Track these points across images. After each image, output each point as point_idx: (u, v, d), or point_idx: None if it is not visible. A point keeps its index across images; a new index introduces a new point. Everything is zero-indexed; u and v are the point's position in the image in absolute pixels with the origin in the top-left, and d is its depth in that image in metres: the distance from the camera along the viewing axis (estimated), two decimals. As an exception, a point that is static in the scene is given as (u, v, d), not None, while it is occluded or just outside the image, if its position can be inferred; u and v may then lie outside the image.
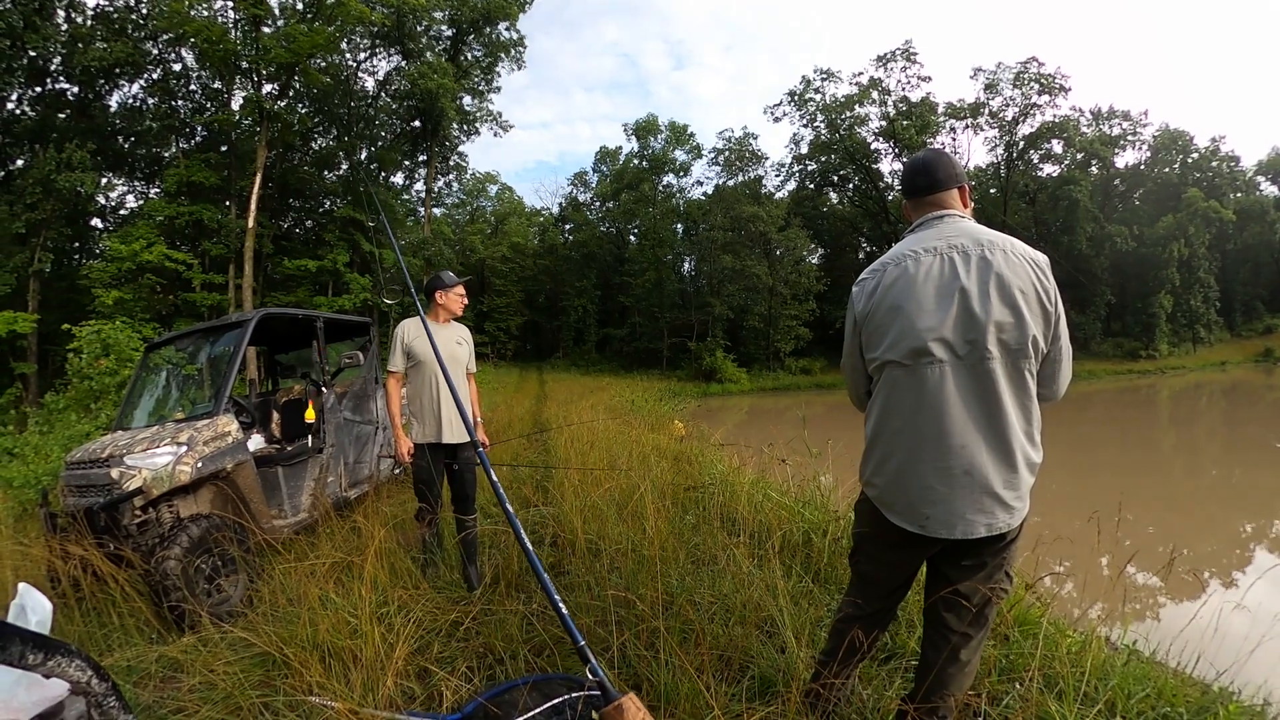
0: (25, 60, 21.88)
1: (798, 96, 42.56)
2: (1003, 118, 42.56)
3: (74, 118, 23.84)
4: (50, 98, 23.62)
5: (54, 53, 22.51)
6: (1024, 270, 1.83)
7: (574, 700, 2.35)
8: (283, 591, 3.28)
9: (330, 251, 26.31)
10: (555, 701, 2.34)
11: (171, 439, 3.98)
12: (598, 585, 3.45)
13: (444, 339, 3.97)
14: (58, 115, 23.60)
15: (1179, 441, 16.12)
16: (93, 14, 23.44)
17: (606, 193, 47.77)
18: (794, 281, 38.17)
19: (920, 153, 2.18)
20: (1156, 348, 41.82)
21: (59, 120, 23.46)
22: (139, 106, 26.35)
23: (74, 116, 23.89)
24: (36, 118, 22.87)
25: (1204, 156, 48.35)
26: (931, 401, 1.84)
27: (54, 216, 22.11)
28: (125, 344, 10.16)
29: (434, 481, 3.93)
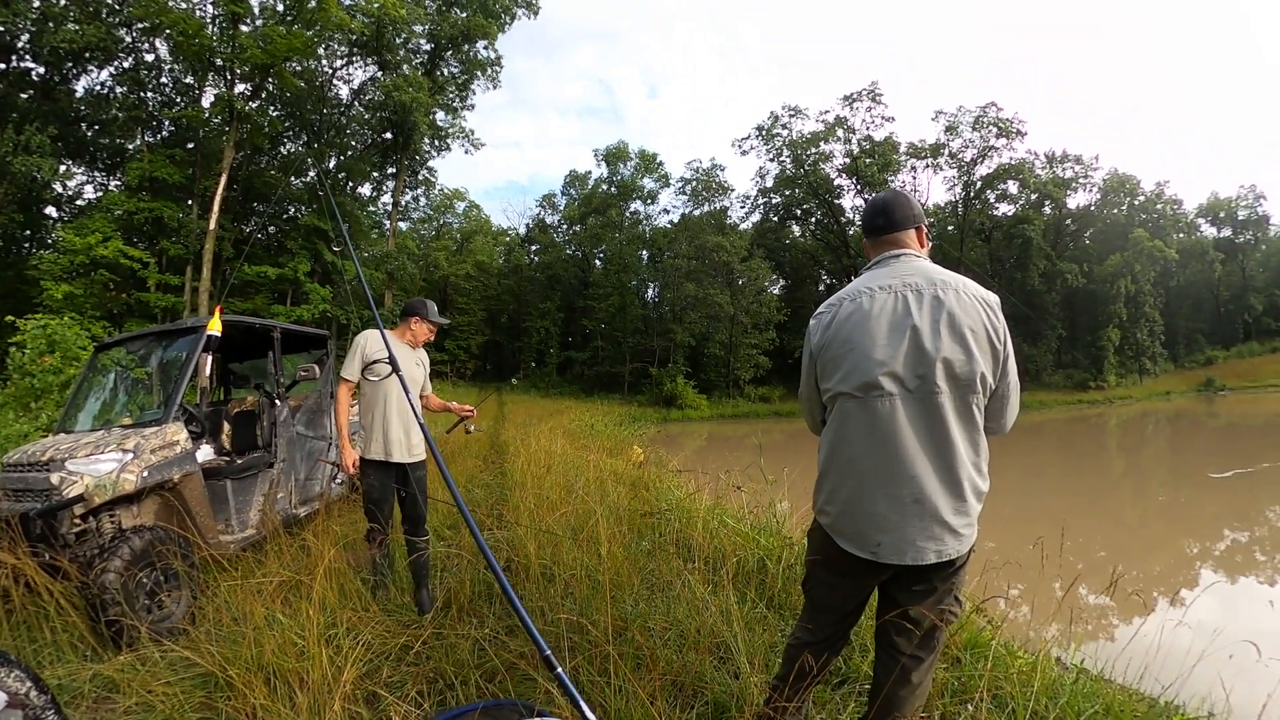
0: None
1: (765, 131, 43.80)
2: (962, 158, 44.55)
3: (37, 99, 22.96)
4: (14, 76, 22.74)
5: (23, 29, 21.74)
6: (974, 309, 1.92)
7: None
8: (227, 610, 3.18)
9: (292, 260, 25.75)
10: (506, 727, 2.31)
11: (117, 445, 3.84)
12: (551, 610, 3.42)
13: (404, 358, 3.93)
14: (20, 95, 22.71)
15: (1127, 467, 16.73)
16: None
17: (574, 216, 47.99)
18: (755, 311, 38.78)
19: (881, 194, 2.28)
20: (1105, 379, 43.85)
21: (20, 100, 22.55)
22: (106, 94, 25.55)
23: (37, 98, 23.02)
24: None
25: (1149, 199, 51.40)
26: (883, 433, 1.91)
27: (5, 200, 21.25)
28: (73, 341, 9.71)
29: (384, 501, 3.87)
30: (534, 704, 2.53)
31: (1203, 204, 58.93)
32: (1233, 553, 8.22)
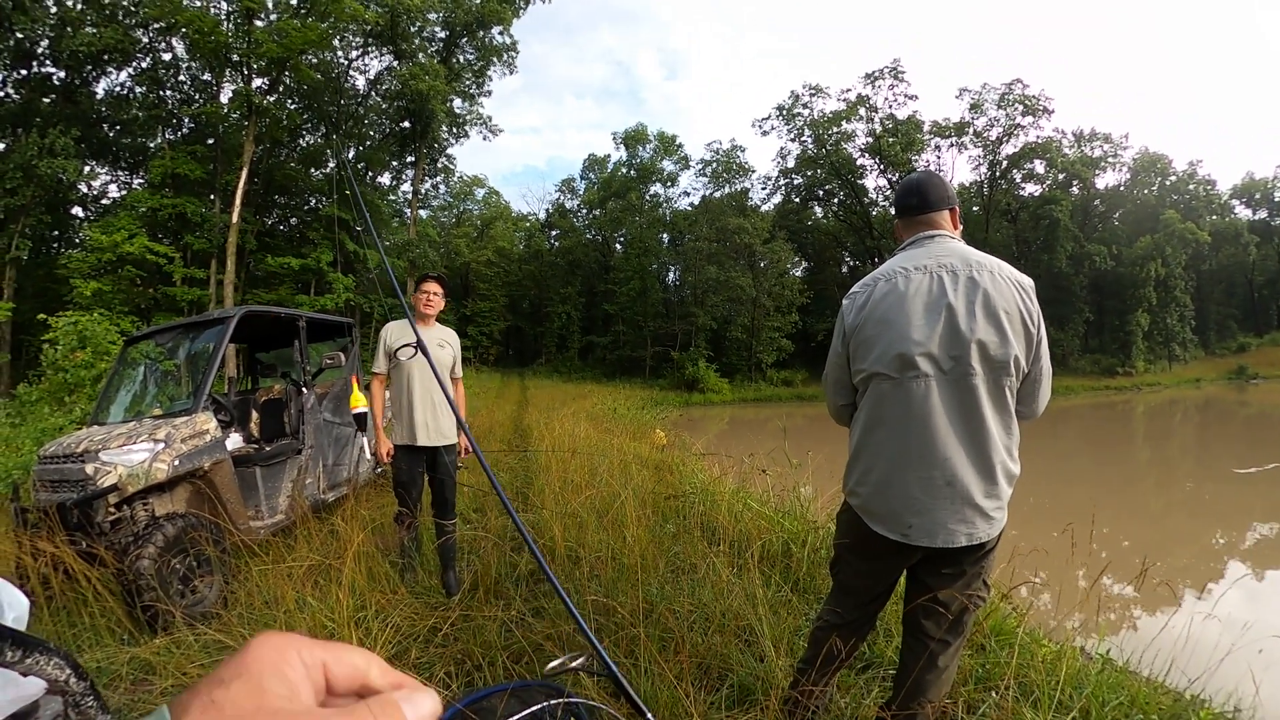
0: (12, 42, 21.56)
1: (786, 111, 43.02)
2: (987, 137, 43.36)
3: (59, 103, 23.44)
4: (36, 81, 23.21)
5: (42, 35, 22.17)
6: (1009, 292, 1.89)
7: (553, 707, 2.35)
8: (259, 593, 3.24)
9: (314, 250, 26.06)
10: (534, 708, 2.32)
11: (149, 435, 3.92)
12: (577, 593, 3.44)
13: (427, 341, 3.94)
14: (42, 99, 23.21)
15: (1154, 456, 16.40)
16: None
17: (594, 200, 47.83)
18: (777, 294, 38.39)
19: (914, 174, 2.24)
20: (1133, 364, 42.73)
21: (43, 105, 23.08)
22: (126, 95, 25.96)
23: (59, 102, 23.50)
24: (20, 101, 22.46)
25: (1181, 180, 49.72)
26: (917, 414, 1.90)
27: (34, 203, 21.73)
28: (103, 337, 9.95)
29: (413, 485, 3.91)
30: (562, 686, 2.55)
31: (1237, 185, 56.70)
32: (1261, 546, 8.02)
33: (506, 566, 4.03)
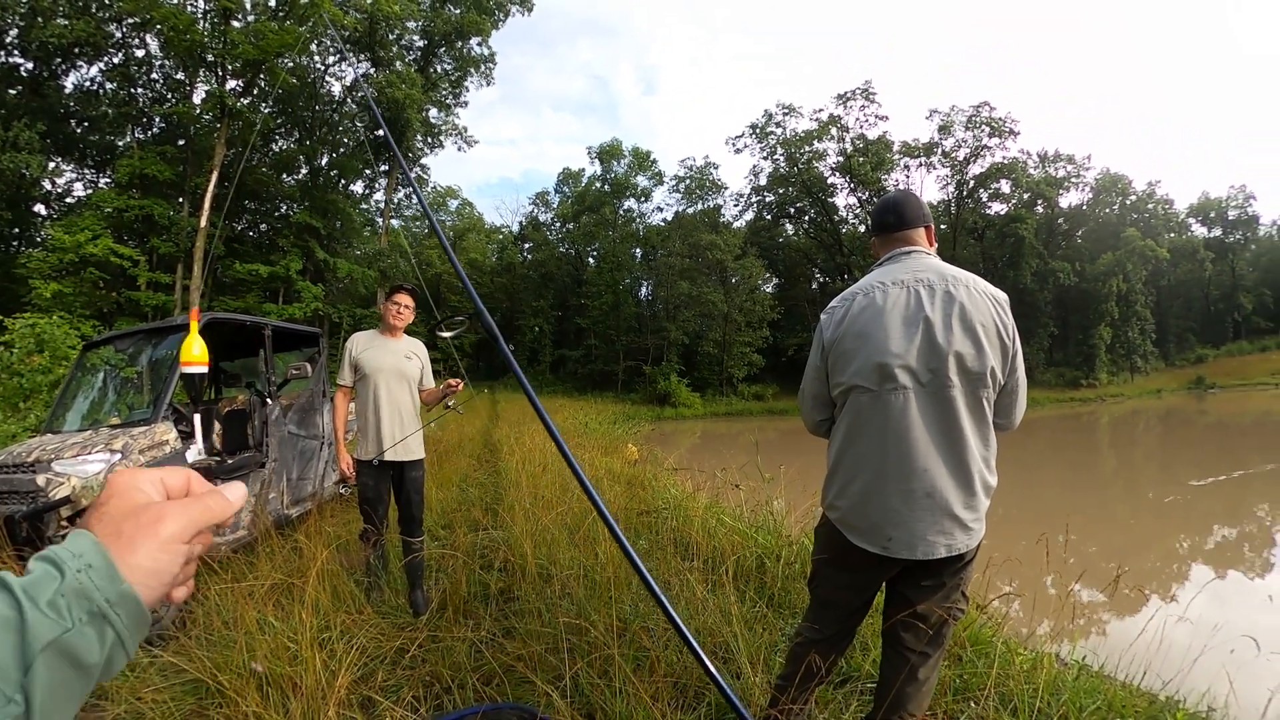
0: None
1: (759, 129, 43.75)
2: (955, 157, 44.57)
3: (25, 95, 22.78)
4: (2, 71, 22.59)
5: (11, 24, 21.64)
6: (985, 305, 1.93)
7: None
8: (218, 614, 3.11)
9: (283, 258, 25.59)
10: (506, 732, 2.26)
11: (105, 445, 3.77)
12: (548, 611, 3.37)
13: (393, 352, 3.87)
14: (8, 90, 22.56)
15: (1119, 465, 16.81)
16: (58, -13, 22.49)
17: (567, 214, 47.84)
18: (748, 309, 38.76)
19: (891, 193, 2.30)
20: (1097, 377, 44.09)
21: (9, 96, 22.39)
22: (96, 90, 25.34)
23: (25, 94, 22.83)
24: None
25: (1141, 199, 51.77)
26: (895, 426, 1.91)
27: (-7, 197, 21.10)
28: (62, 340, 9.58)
29: (379, 501, 3.81)
30: (534, 708, 2.49)
31: (1193, 204, 59.41)
32: (1224, 549, 8.24)
33: (477, 585, 3.94)
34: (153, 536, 0.47)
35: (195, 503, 0.51)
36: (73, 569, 0.43)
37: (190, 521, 0.50)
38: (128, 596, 0.44)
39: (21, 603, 0.41)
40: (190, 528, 0.50)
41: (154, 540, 0.47)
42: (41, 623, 0.40)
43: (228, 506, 0.54)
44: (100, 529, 0.47)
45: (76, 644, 0.41)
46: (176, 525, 0.49)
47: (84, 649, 0.42)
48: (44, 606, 0.41)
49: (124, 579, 0.44)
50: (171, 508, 0.49)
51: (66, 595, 0.42)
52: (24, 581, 0.42)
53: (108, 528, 0.47)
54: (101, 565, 0.44)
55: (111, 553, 0.45)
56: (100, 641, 0.43)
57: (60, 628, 0.41)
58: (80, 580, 0.42)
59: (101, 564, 0.44)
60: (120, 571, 0.44)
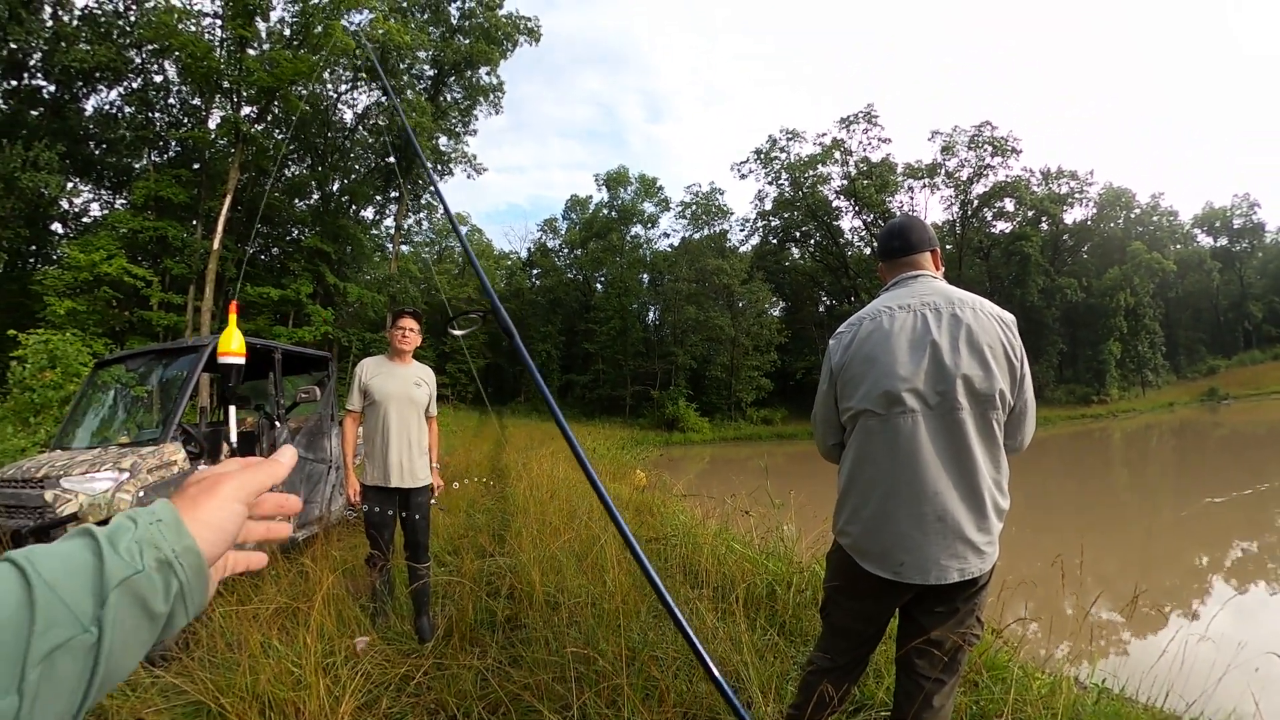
0: (4, 52, 21.46)
1: (764, 154, 44.22)
2: (958, 178, 44.85)
3: (47, 116, 23.25)
4: (25, 93, 23.09)
5: (35, 48, 22.14)
6: (992, 327, 1.93)
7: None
8: (222, 636, 3.08)
9: (294, 281, 25.85)
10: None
11: (113, 464, 3.77)
12: (555, 640, 3.32)
13: (402, 379, 3.87)
14: (30, 112, 23.00)
15: (1132, 481, 16.58)
16: (80, 14, 23.08)
17: (575, 240, 48.25)
18: (756, 333, 38.77)
19: (896, 218, 2.32)
20: (1107, 392, 43.62)
21: (31, 117, 22.84)
22: (114, 113, 25.83)
23: (47, 115, 23.31)
24: (8, 112, 22.26)
25: (1145, 212, 51.85)
26: (905, 450, 1.90)
27: (12, 216, 21.39)
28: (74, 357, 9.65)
29: (385, 526, 3.79)
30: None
31: (1198, 214, 59.38)
32: (1244, 564, 8.07)
33: (483, 612, 3.90)
34: (213, 495, 0.55)
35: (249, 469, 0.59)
36: (146, 521, 0.49)
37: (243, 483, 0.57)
38: (190, 550, 0.50)
39: (102, 545, 0.46)
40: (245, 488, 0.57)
41: (214, 499, 0.54)
42: (116, 563, 0.45)
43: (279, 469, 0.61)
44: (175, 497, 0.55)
45: (145, 586, 0.46)
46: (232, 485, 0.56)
47: (151, 593, 0.46)
48: (121, 550, 0.46)
49: (189, 534, 0.50)
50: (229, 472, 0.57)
51: (141, 542, 0.47)
52: (106, 529, 0.47)
53: (182, 496, 0.55)
54: (171, 520, 0.50)
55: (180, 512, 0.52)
56: (166, 589, 0.47)
57: (132, 569, 0.45)
58: (151, 531, 0.48)
59: (171, 519, 0.50)
60: (186, 527, 0.50)
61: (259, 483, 0.58)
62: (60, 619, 0.41)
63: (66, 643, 0.41)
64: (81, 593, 0.43)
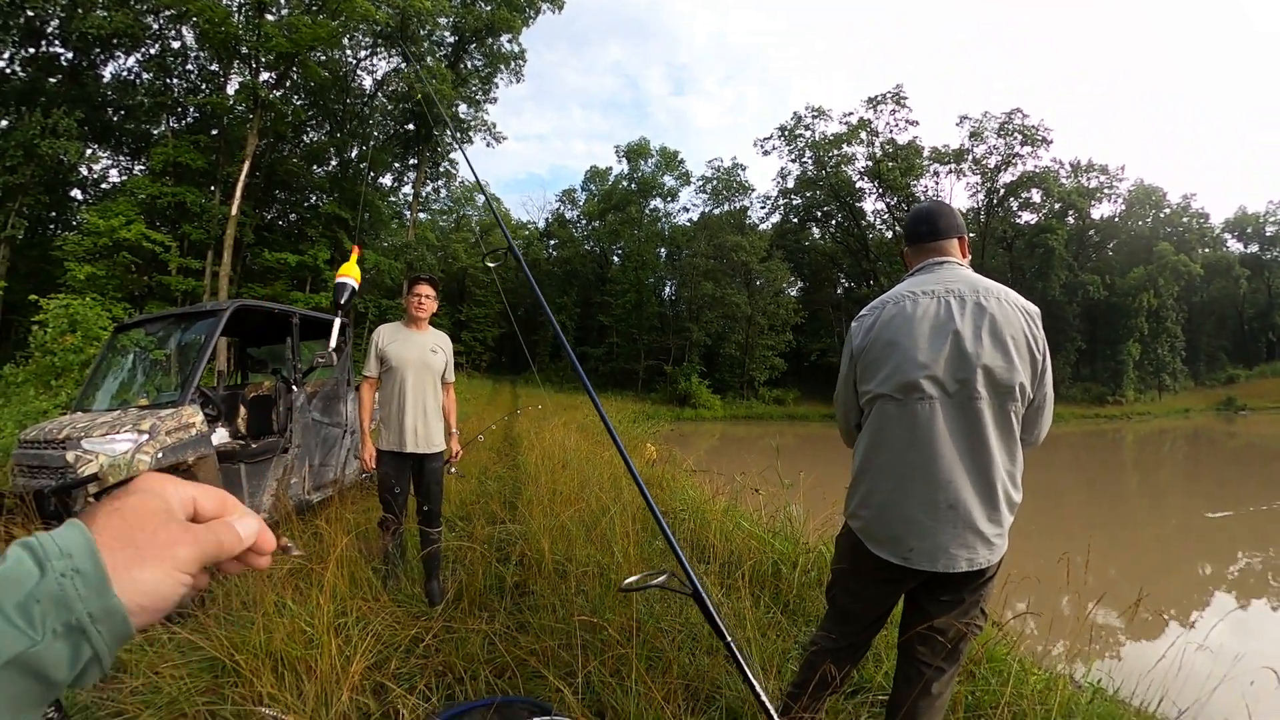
0: (22, 19, 21.57)
1: (788, 131, 43.54)
2: (985, 165, 43.84)
3: (65, 84, 23.36)
4: (43, 60, 23.19)
5: (53, 15, 22.20)
6: (1016, 318, 1.90)
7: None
8: (237, 594, 3.16)
9: (312, 247, 25.97)
10: (516, 726, 2.26)
11: (133, 425, 3.84)
12: (563, 608, 3.38)
13: (418, 345, 3.89)
14: (48, 79, 23.15)
15: (1142, 486, 16.45)
16: (97, -21, 23.02)
17: (593, 212, 47.98)
18: (772, 312, 38.57)
19: (924, 202, 2.31)
20: (1123, 393, 43.01)
21: (49, 84, 22.99)
22: (132, 80, 25.90)
23: (65, 82, 23.42)
24: (26, 79, 22.41)
25: (1175, 212, 50.45)
26: (921, 436, 1.89)
27: (32, 182, 21.62)
28: (94, 321, 9.82)
29: (399, 490, 3.84)
30: (546, 703, 2.49)
31: (1229, 218, 57.45)
32: (1247, 577, 8.02)
33: (492, 578, 3.96)
34: (166, 560, 0.42)
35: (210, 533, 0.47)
36: (56, 571, 0.38)
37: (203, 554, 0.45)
38: (114, 612, 0.39)
39: None
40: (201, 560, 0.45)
41: (165, 564, 0.42)
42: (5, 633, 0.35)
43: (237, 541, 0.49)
44: (107, 529, 0.41)
45: (44, 659, 0.36)
46: (191, 555, 0.44)
47: (52, 664, 0.36)
48: (11, 611, 0.36)
49: (114, 592, 0.39)
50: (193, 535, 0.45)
51: (42, 601, 0.36)
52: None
53: (116, 530, 0.42)
54: (91, 572, 0.38)
55: (113, 560, 0.40)
56: (73, 658, 0.37)
57: (27, 640, 0.35)
58: (63, 586, 0.37)
59: (91, 571, 0.38)
60: (112, 585, 0.39)
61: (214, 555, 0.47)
62: None
63: None
64: None
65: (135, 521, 0.43)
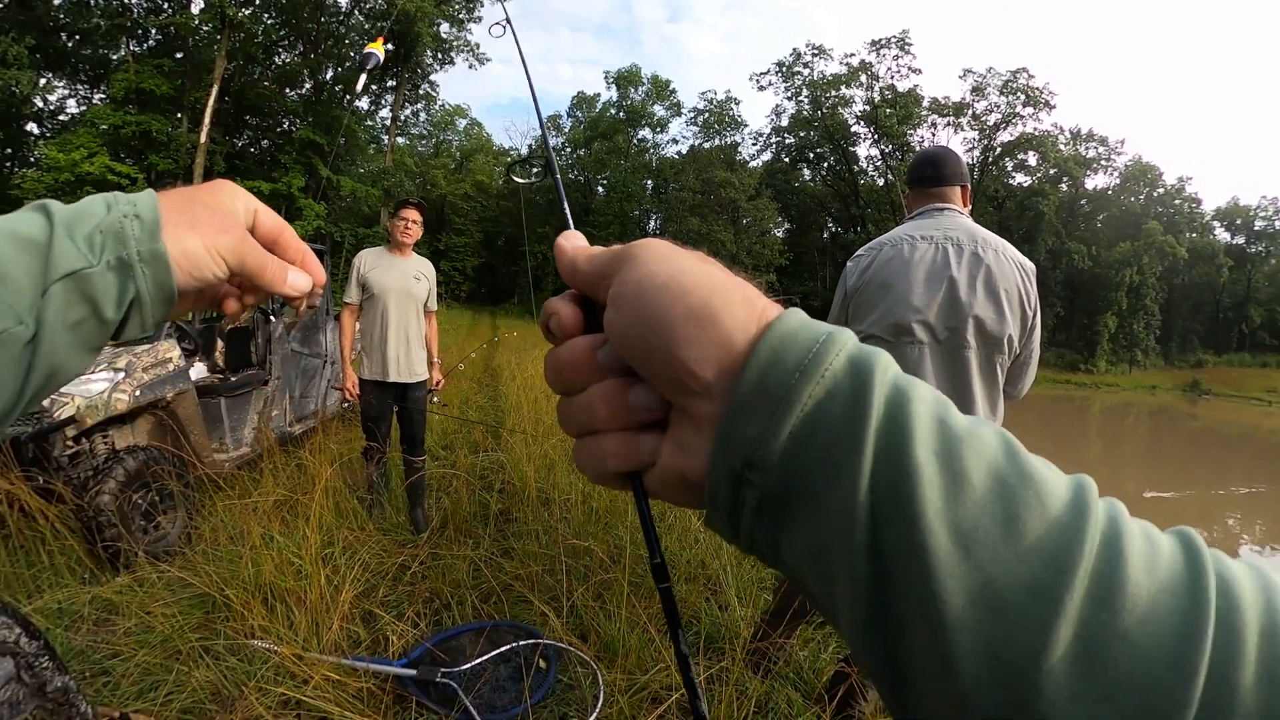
0: None
1: (786, 68, 42.24)
2: (984, 121, 43.11)
3: (12, 8, 21.70)
4: (-14, -17, 21.65)
5: (-7, -68, 20.63)
6: (1011, 272, 1.94)
7: (522, 648, 2.37)
8: (224, 529, 3.19)
9: (285, 175, 25.14)
10: (503, 649, 2.35)
11: (108, 364, 3.76)
12: (546, 534, 3.47)
13: (401, 272, 3.84)
14: None
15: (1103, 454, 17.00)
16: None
17: (579, 140, 46.66)
18: (757, 252, 38.31)
19: (930, 147, 2.33)
20: (1095, 363, 43.89)
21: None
22: (86, 1, 24.08)
23: (12, 7, 21.76)
24: None
25: (1169, 193, 50.36)
26: None
27: (-18, 117, 20.60)
28: (60, 263, 9.59)
29: (382, 420, 3.85)
30: (532, 627, 2.57)
31: (1221, 207, 57.35)
32: None
33: (477, 505, 4.04)
34: (210, 237, 0.44)
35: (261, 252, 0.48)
36: (119, 211, 0.41)
37: (244, 256, 0.46)
38: (159, 256, 0.41)
39: (55, 228, 0.39)
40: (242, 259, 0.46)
41: (209, 240, 0.44)
42: (68, 252, 0.39)
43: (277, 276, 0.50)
44: (174, 199, 0.45)
45: (96, 284, 0.39)
46: (232, 246, 0.45)
47: (102, 293, 0.40)
48: (79, 238, 0.39)
49: (162, 240, 0.42)
50: (242, 235, 0.47)
51: (104, 233, 0.40)
52: (67, 210, 0.41)
53: (180, 203, 0.45)
54: (149, 219, 0.42)
55: (168, 219, 0.43)
56: (120, 293, 0.41)
57: (85, 261, 0.39)
58: (121, 224, 0.41)
59: (150, 218, 0.42)
60: (162, 233, 0.42)
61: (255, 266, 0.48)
62: None
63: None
64: (21, 279, 0.37)
65: (198, 201, 0.46)
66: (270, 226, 0.50)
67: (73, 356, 0.41)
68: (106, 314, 0.40)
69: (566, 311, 0.37)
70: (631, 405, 0.34)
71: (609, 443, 0.34)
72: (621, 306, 0.33)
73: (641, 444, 0.34)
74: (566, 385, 0.36)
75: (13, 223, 0.39)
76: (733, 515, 0.30)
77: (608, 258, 0.36)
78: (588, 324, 0.37)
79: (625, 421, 0.34)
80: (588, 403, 0.35)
